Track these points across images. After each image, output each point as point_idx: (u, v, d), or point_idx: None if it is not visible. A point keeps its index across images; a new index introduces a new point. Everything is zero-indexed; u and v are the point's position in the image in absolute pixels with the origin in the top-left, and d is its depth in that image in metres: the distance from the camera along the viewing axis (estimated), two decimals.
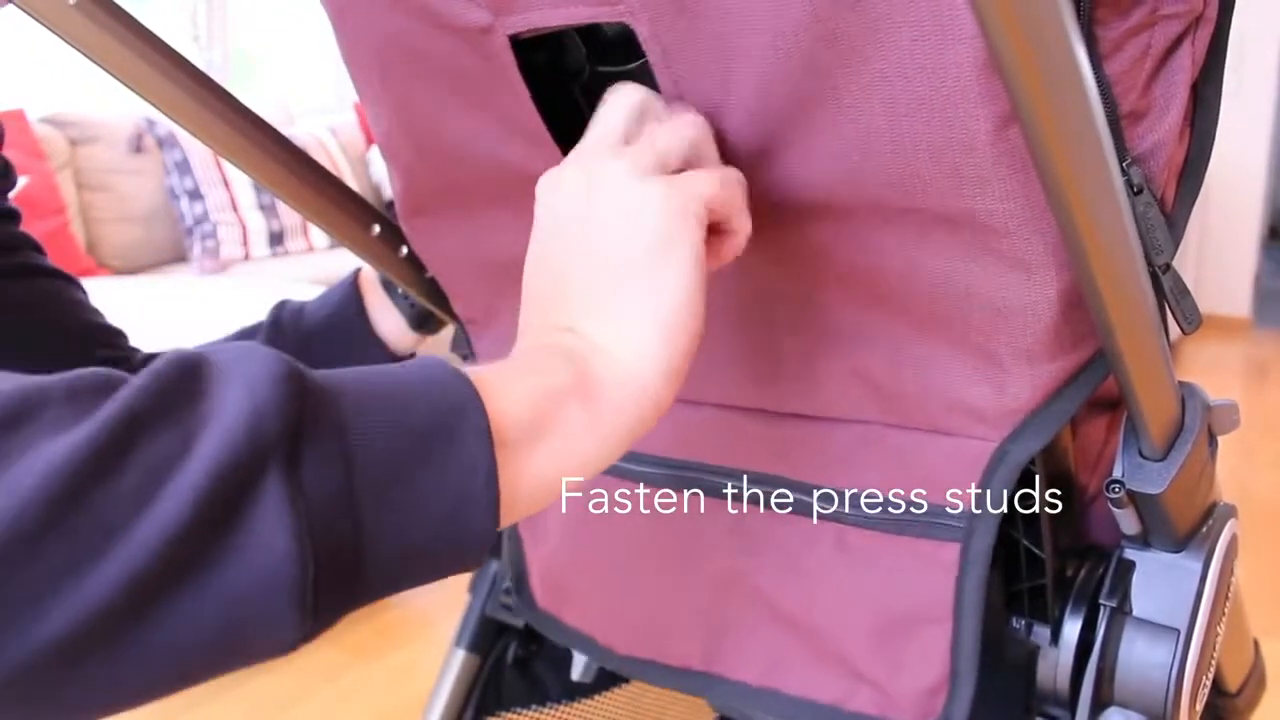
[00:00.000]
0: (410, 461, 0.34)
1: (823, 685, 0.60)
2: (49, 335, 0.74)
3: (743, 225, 0.47)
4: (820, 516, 0.59)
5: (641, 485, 0.66)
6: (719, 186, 0.44)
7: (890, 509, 0.56)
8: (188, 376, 0.32)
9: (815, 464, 0.59)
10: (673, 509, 0.65)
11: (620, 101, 0.47)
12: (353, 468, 0.33)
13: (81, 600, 0.28)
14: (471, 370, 0.38)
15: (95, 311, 0.77)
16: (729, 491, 0.63)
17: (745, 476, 0.62)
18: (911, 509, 0.56)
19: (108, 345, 0.76)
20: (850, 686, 0.59)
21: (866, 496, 0.57)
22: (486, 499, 0.36)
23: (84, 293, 0.77)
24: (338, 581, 0.33)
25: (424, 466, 0.34)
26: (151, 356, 0.76)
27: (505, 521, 0.37)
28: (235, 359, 0.33)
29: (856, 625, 0.58)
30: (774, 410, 0.60)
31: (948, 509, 0.54)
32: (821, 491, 0.59)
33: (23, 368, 0.30)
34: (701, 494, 0.64)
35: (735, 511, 0.63)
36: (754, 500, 0.62)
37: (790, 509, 0.61)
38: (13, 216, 0.73)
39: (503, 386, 0.38)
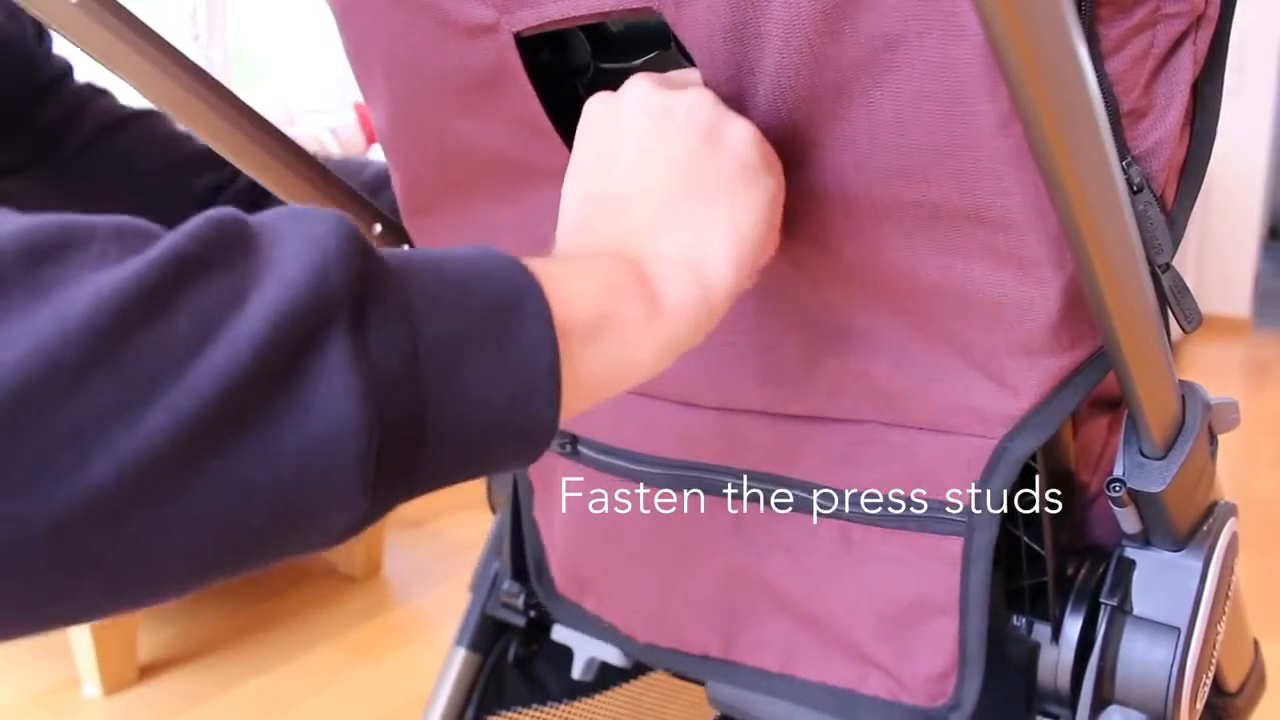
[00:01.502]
0: (474, 339, 0.32)
1: (836, 670, 0.62)
2: (150, 182, 0.76)
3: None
4: (821, 515, 0.60)
5: (642, 485, 0.67)
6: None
7: (891, 508, 0.57)
8: (240, 229, 0.30)
9: (815, 464, 0.60)
10: (673, 509, 0.65)
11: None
12: (419, 339, 0.31)
13: (127, 446, 0.26)
14: (531, 260, 0.37)
15: (184, 137, 0.78)
16: (729, 491, 0.63)
17: (745, 476, 0.62)
18: (912, 507, 0.56)
19: (209, 169, 0.78)
20: (862, 671, 0.61)
21: (867, 496, 0.58)
22: (549, 386, 0.34)
23: (165, 120, 0.78)
24: (399, 458, 0.31)
25: (487, 346, 0.33)
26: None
27: (563, 416, 0.36)
28: (292, 217, 0.31)
29: (864, 615, 0.59)
30: (775, 412, 0.61)
31: (948, 506, 0.54)
32: (822, 491, 0.59)
33: (144, 216, 0.28)
34: (701, 494, 0.64)
35: (736, 511, 0.63)
36: (754, 499, 0.62)
37: (791, 508, 0.61)
38: (68, 71, 0.74)
39: (564, 279, 0.37)
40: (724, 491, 0.63)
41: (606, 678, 0.87)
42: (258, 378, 0.27)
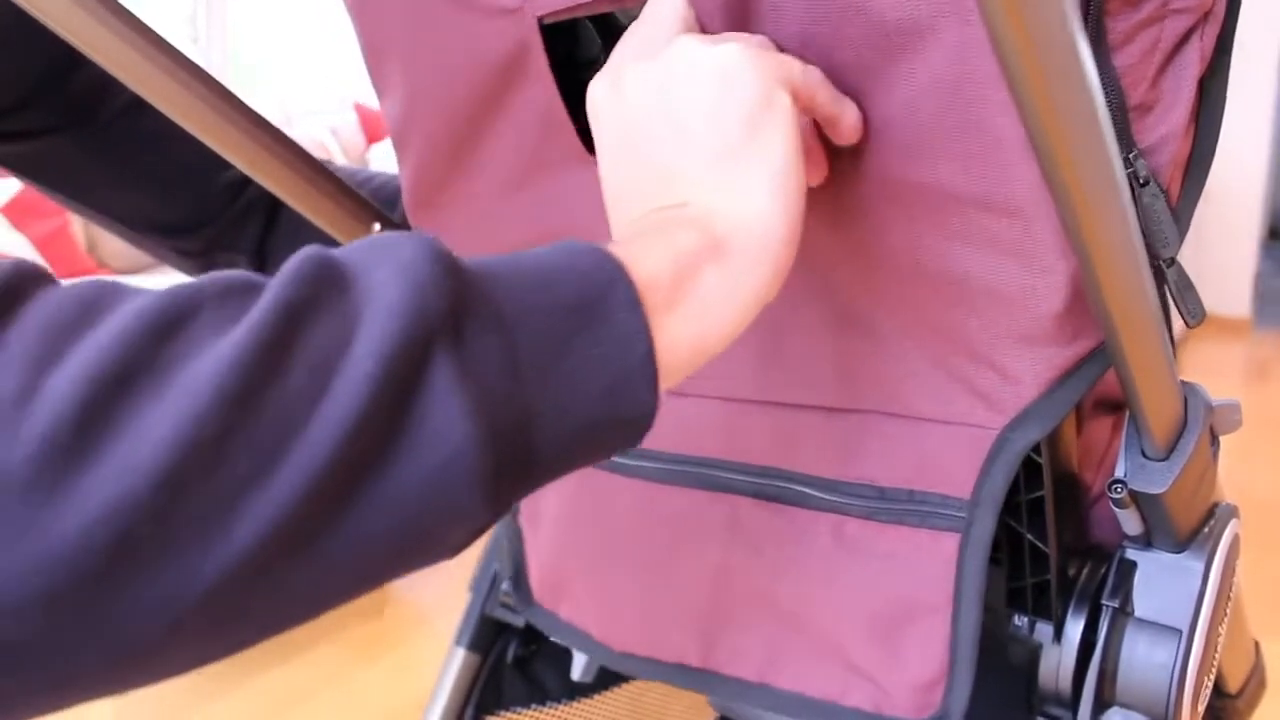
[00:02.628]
0: (568, 336, 0.33)
1: (819, 680, 0.60)
2: (175, 164, 0.76)
3: (841, 105, 0.45)
4: (817, 507, 0.59)
5: (637, 480, 0.66)
6: (803, 67, 0.43)
7: (888, 499, 0.56)
8: (332, 268, 0.31)
9: (813, 455, 0.59)
10: (663, 506, 0.65)
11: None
12: (516, 344, 0.32)
13: (264, 509, 0.27)
14: (607, 244, 0.37)
15: None
16: (724, 483, 0.63)
17: (742, 469, 0.62)
18: (910, 499, 0.56)
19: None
20: (846, 681, 0.59)
21: (864, 486, 0.57)
22: (646, 371, 0.35)
23: None
24: (514, 461, 0.32)
25: (581, 341, 0.34)
26: None
27: (664, 386, 0.36)
28: (376, 245, 0.32)
29: (853, 618, 0.58)
30: (773, 400, 0.60)
31: (947, 498, 0.54)
32: (819, 481, 0.59)
33: (155, 199, 0.28)
34: (697, 487, 0.64)
35: (731, 504, 0.63)
36: (750, 491, 0.62)
37: (787, 500, 0.60)
38: None
39: (641, 254, 0.37)
40: (719, 484, 0.63)
41: (606, 678, 0.87)
42: (374, 419, 0.28)
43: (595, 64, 0.55)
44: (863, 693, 0.58)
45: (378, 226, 0.70)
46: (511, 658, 0.87)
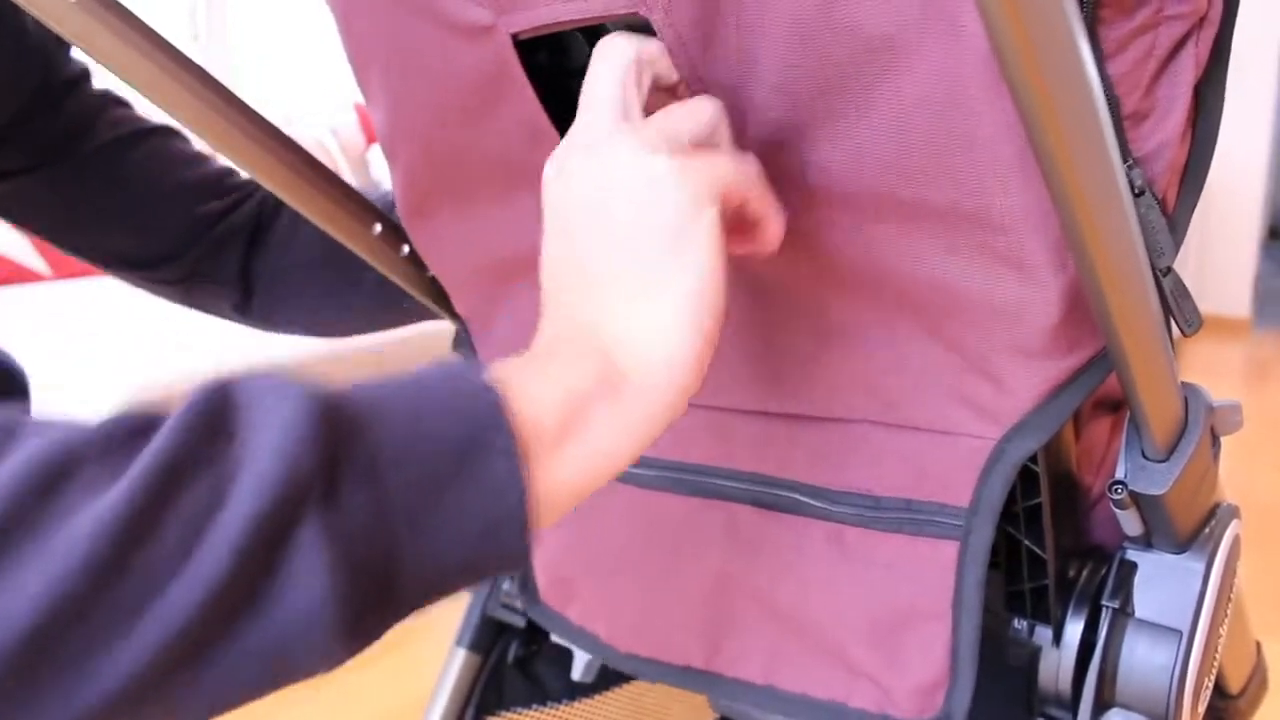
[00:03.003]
0: (442, 485, 0.34)
1: (822, 682, 0.60)
2: (151, 203, 0.75)
3: (769, 211, 0.45)
4: (814, 515, 0.59)
5: (634, 487, 0.66)
6: (736, 168, 0.43)
7: (883, 509, 0.56)
8: (219, 415, 0.32)
9: (811, 464, 0.59)
10: (662, 512, 0.65)
11: (609, 66, 0.45)
12: (388, 496, 0.33)
13: (127, 659, 0.29)
14: (498, 372, 0.38)
15: (194, 160, 0.78)
16: (721, 490, 0.63)
17: (737, 476, 0.62)
18: (907, 508, 0.56)
19: (214, 196, 0.77)
20: (849, 683, 0.59)
21: (859, 496, 0.57)
22: (518, 519, 0.36)
23: (181, 139, 0.78)
24: (375, 607, 0.33)
25: (456, 489, 0.34)
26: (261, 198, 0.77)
27: (540, 526, 0.37)
28: (266, 394, 0.33)
29: (854, 622, 0.58)
30: (769, 411, 0.60)
31: (945, 506, 0.54)
32: (814, 490, 0.59)
33: (130, 237, 0.28)
34: (693, 495, 0.64)
35: (728, 511, 0.63)
36: (747, 499, 0.62)
37: (783, 508, 0.60)
38: (86, 75, 0.73)
39: (530, 392, 0.37)
40: (717, 492, 0.63)
41: (607, 678, 0.87)
42: (240, 576, 0.30)
43: (583, 70, 0.55)
44: (867, 695, 0.58)
45: (378, 227, 0.70)
46: (512, 658, 0.87)
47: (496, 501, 0.35)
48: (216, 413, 0.32)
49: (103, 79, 0.72)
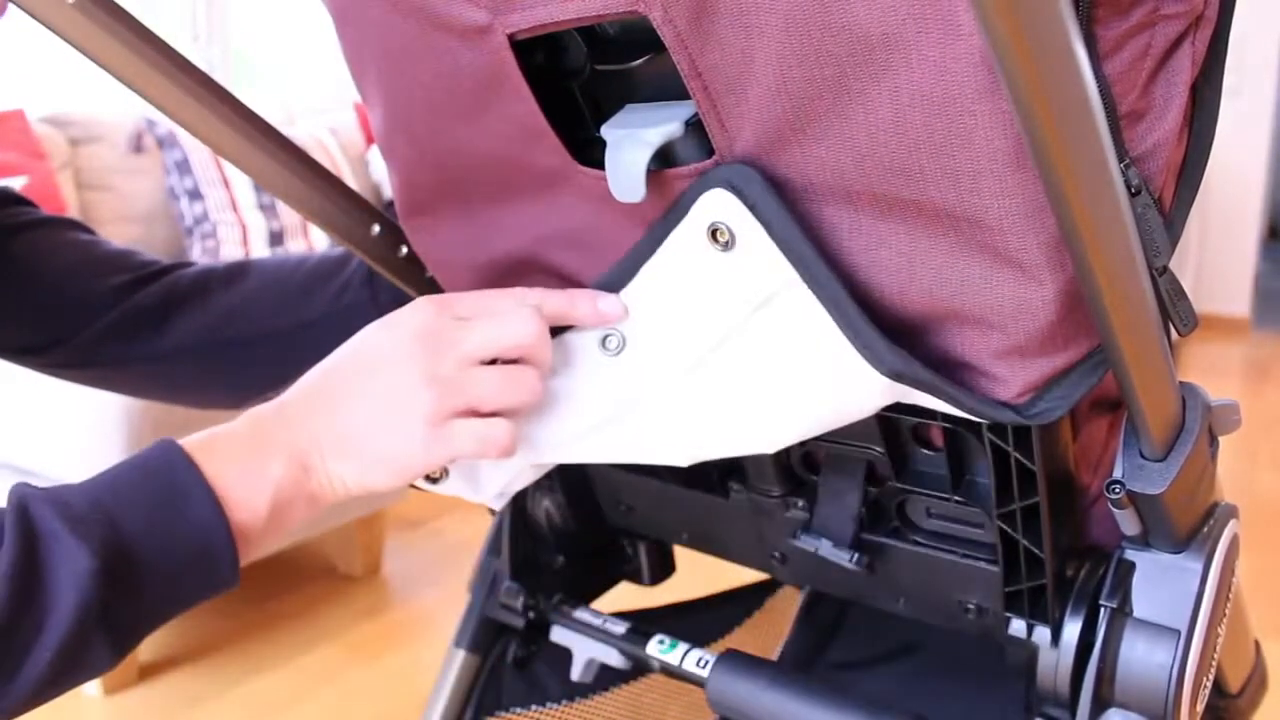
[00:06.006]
0: (180, 583, 0.51)
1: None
2: (44, 283, 0.75)
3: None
4: None
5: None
6: (498, 388, 0.55)
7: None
8: (34, 563, 0.46)
9: None
10: None
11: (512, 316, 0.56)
12: (143, 603, 0.49)
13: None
14: (222, 484, 0.51)
15: (93, 244, 0.78)
16: None
17: None
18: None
19: (118, 271, 0.77)
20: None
21: None
22: (228, 581, 0.52)
23: (83, 230, 0.78)
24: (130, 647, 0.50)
25: (189, 582, 0.51)
26: (167, 269, 0.79)
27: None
28: (59, 547, 0.46)
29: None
30: None
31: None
32: None
33: (35, 322, 0.32)
34: None
35: None
36: None
37: None
38: None
39: (246, 500, 0.52)
40: None
41: (605, 679, 0.87)
42: (55, 665, 0.46)
43: (581, 73, 0.55)
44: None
45: (377, 228, 0.70)
46: (511, 658, 0.87)
47: (214, 577, 0.52)
48: (34, 561, 0.46)
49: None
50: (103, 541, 0.47)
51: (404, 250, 0.71)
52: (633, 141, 0.51)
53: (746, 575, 0.85)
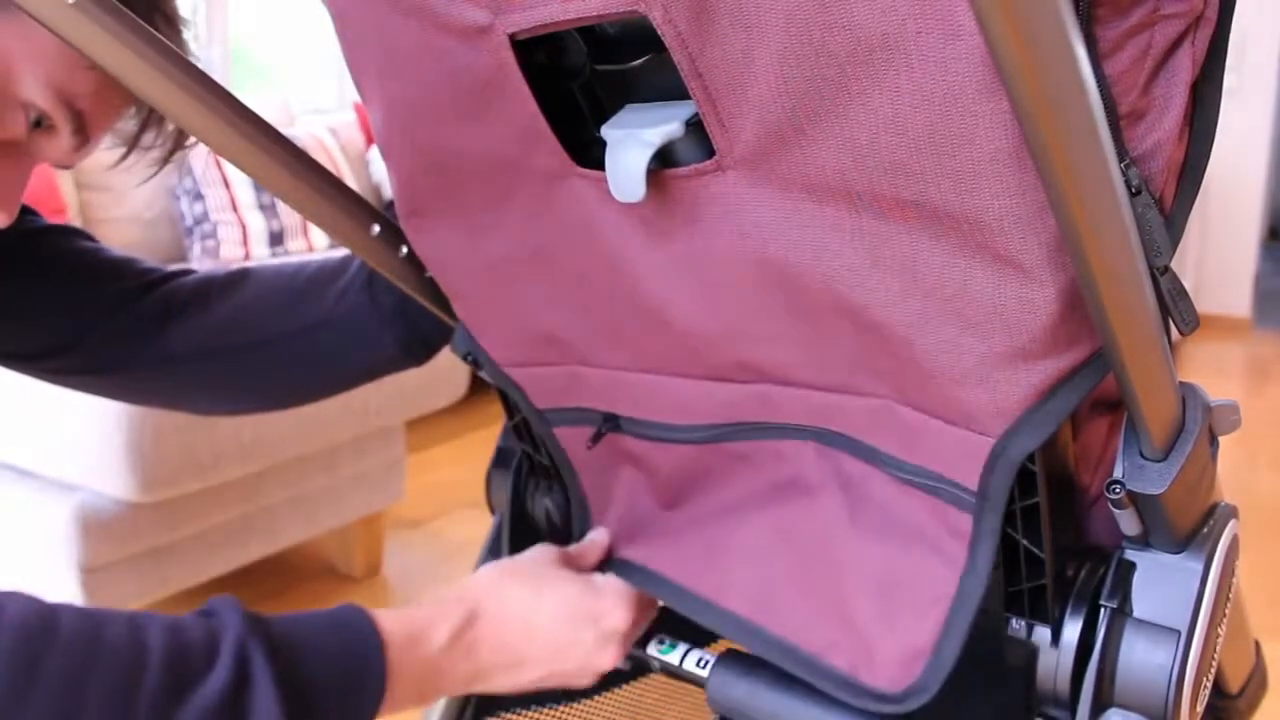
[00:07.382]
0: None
1: (805, 631, 0.62)
2: (55, 294, 0.75)
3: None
4: (853, 456, 0.61)
5: (683, 446, 0.68)
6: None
7: (910, 472, 0.58)
8: (240, 706, 0.50)
9: (846, 420, 0.60)
10: (714, 460, 0.68)
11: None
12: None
13: None
14: (398, 690, 0.58)
15: (96, 253, 0.77)
16: (774, 432, 0.64)
17: (781, 427, 0.64)
18: (931, 475, 0.57)
19: (118, 279, 0.77)
20: (832, 638, 0.61)
21: (888, 455, 0.59)
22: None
23: (84, 237, 0.77)
24: None
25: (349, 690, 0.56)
26: (167, 277, 0.79)
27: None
28: (262, 696, 0.51)
29: (867, 568, 0.60)
30: (801, 383, 0.61)
31: (959, 484, 0.55)
32: (853, 441, 0.60)
33: (35, 329, 0.32)
34: (740, 441, 0.66)
35: (776, 446, 0.64)
36: (786, 436, 0.63)
37: (826, 443, 0.62)
38: None
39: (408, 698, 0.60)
40: (766, 437, 0.65)
41: (605, 679, 0.87)
42: None
43: (582, 73, 0.55)
44: (844, 654, 0.61)
45: (376, 228, 0.70)
46: None
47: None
48: (239, 688, 0.50)
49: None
50: (294, 702, 0.52)
51: (404, 250, 0.71)
52: (633, 142, 0.51)
53: None
